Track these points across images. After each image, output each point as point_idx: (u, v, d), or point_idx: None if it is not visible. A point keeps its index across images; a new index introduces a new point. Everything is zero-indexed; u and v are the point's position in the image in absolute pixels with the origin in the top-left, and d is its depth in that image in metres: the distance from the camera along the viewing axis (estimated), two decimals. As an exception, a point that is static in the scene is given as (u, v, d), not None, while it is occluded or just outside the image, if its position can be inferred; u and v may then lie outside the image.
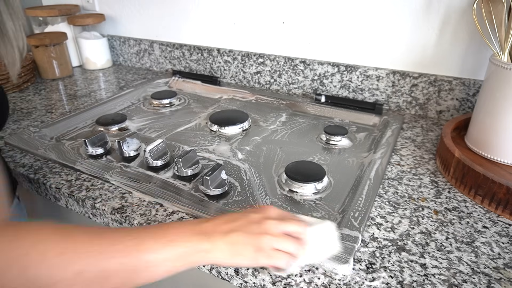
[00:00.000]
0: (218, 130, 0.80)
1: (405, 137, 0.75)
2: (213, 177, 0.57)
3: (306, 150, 0.73)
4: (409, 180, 0.61)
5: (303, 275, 0.43)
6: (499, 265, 0.45)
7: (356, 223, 0.50)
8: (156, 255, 0.36)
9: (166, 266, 0.37)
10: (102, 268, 0.34)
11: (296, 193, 0.59)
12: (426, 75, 0.82)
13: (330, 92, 0.94)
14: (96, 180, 0.62)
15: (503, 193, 0.52)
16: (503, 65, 0.57)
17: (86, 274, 0.33)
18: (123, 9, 1.19)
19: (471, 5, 0.73)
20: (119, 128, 0.82)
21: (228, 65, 1.06)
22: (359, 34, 0.87)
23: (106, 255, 0.34)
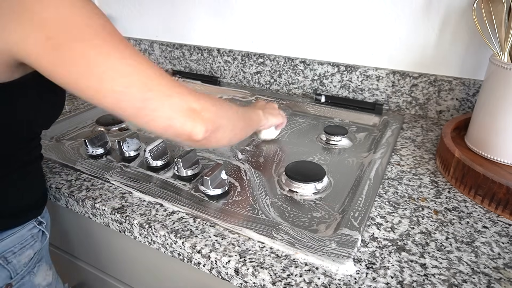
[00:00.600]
0: (218, 130, 0.80)
1: (405, 137, 0.75)
2: (213, 177, 0.57)
3: (306, 150, 0.73)
4: (409, 180, 0.61)
5: (303, 275, 0.43)
6: (499, 265, 0.45)
7: (356, 223, 0.50)
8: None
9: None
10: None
11: (296, 193, 0.59)
12: (426, 75, 0.82)
13: (330, 92, 0.94)
14: (96, 180, 0.62)
15: (503, 193, 0.52)
16: (503, 65, 0.57)
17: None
18: (123, 9, 1.19)
19: (471, 5, 0.73)
20: (119, 128, 0.82)
21: (228, 65, 1.06)
22: (359, 34, 0.87)
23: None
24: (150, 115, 0.40)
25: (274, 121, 0.70)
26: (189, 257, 0.49)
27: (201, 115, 0.43)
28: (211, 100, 0.46)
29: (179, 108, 0.42)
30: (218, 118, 0.46)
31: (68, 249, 0.77)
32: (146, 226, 0.52)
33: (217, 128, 0.45)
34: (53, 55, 0.37)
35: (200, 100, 0.43)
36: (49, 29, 0.36)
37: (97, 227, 0.65)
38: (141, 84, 0.40)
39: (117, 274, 0.71)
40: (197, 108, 0.43)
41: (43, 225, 0.57)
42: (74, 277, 0.82)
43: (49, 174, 0.64)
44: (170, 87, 0.41)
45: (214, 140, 0.46)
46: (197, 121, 0.42)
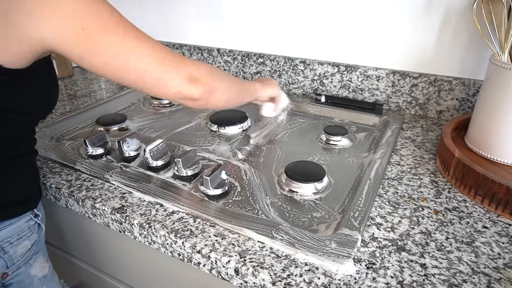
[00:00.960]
0: (218, 130, 0.80)
1: (405, 137, 0.75)
2: (213, 177, 0.57)
3: (306, 150, 0.73)
4: (409, 180, 0.61)
5: (303, 275, 0.43)
6: (499, 265, 0.45)
7: (356, 223, 0.50)
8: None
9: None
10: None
11: (296, 193, 0.59)
12: (426, 75, 0.82)
13: (330, 92, 0.94)
14: (96, 180, 0.62)
15: (503, 193, 0.52)
16: (503, 65, 0.57)
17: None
18: (123, 9, 1.19)
19: (471, 5, 0.73)
20: (119, 128, 0.82)
21: (228, 65, 1.06)
22: (359, 34, 0.87)
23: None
24: (165, 85, 0.51)
25: (270, 91, 0.77)
26: (189, 257, 0.49)
27: (200, 80, 0.53)
28: (209, 68, 0.57)
29: (185, 76, 0.52)
30: (213, 82, 0.56)
31: (68, 249, 0.77)
32: (146, 226, 0.52)
33: (213, 89, 0.56)
34: (86, 43, 0.45)
35: (200, 69, 0.54)
36: (81, 20, 0.43)
37: (97, 227, 0.65)
38: (157, 61, 0.49)
39: (117, 274, 0.71)
40: (197, 75, 0.53)
41: (39, 217, 0.58)
42: (74, 277, 0.82)
43: (49, 174, 0.64)
44: (178, 61, 0.52)
45: (212, 100, 0.57)
46: (198, 86, 0.53)
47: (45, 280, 0.61)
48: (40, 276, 0.60)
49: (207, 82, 0.54)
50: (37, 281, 0.59)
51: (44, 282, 0.60)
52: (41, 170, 0.65)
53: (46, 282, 0.61)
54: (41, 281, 0.60)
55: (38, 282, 0.59)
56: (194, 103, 0.55)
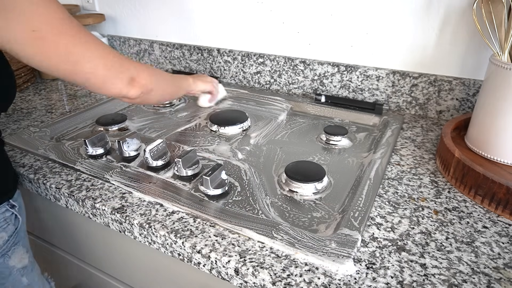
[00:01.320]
0: (218, 130, 0.80)
1: (405, 137, 0.75)
2: (213, 177, 0.57)
3: (306, 150, 0.73)
4: (409, 180, 0.61)
5: (303, 275, 0.43)
6: (499, 265, 0.45)
7: (356, 223, 0.50)
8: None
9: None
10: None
11: (296, 193, 0.59)
12: (426, 75, 0.82)
13: (330, 92, 0.94)
14: (96, 180, 0.62)
15: (503, 193, 0.52)
16: (503, 65, 0.57)
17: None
18: (123, 9, 1.19)
19: (471, 5, 0.73)
20: (119, 128, 0.82)
21: (228, 65, 1.06)
22: (359, 34, 0.87)
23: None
24: (109, 88, 0.56)
25: (202, 86, 0.83)
26: (189, 257, 0.49)
27: (139, 82, 0.59)
28: (148, 71, 0.62)
29: (126, 80, 0.57)
30: (151, 84, 0.62)
31: (68, 249, 0.77)
32: (146, 226, 0.52)
33: (149, 90, 0.62)
34: (36, 45, 0.46)
35: (140, 73, 0.59)
36: (32, 22, 0.45)
37: (97, 227, 0.65)
38: (103, 66, 0.53)
39: (117, 274, 0.71)
40: (137, 78, 0.59)
41: (15, 208, 0.59)
42: (74, 277, 0.82)
43: (49, 174, 0.64)
44: (121, 65, 0.56)
45: (147, 99, 0.63)
46: (137, 87, 0.59)
47: (25, 271, 0.62)
48: (20, 267, 0.60)
49: (145, 85, 0.60)
50: (17, 272, 0.60)
51: (24, 273, 0.61)
52: (41, 170, 0.65)
53: (26, 273, 0.62)
54: (21, 272, 0.61)
55: (17, 273, 0.60)
56: (131, 101, 0.61)
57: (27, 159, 0.68)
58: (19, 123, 0.83)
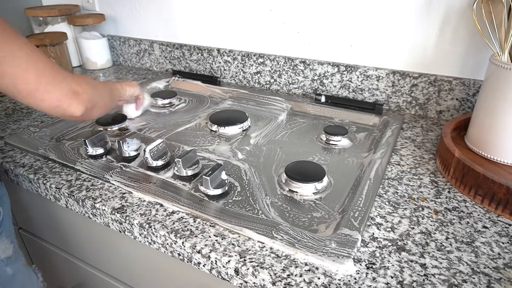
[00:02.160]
0: (218, 130, 0.80)
1: (405, 137, 0.75)
2: (213, 177, 0.57)
3: (306, 150, 0.73)
4: (409, 180, 0.61)
5: (303, 275, 0.43)
6: (499, 265, 0.45)
7: (356, 223, 0.50)
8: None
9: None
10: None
11: (296, 193, 0.59)
12: (426, 75, 0.82)
13: (330, 92, 0.94)
14: (96, 180, 0.62)
15: (503, 193, 0.52)
16: (503, 65, 0.57)
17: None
18: (123, 9, 1.19)
19: (471, 5, 0.73)
20: (119, 128, 0.82)
21: (228, 65, 1.06)
22: (359, 34, 0.87)
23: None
24: (42, 96, 0.49)
25: (131, 91, 0.78)
26: (189, 257, 0.49)
27: (82, 96, 0.53)
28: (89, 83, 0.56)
29: (65, 90, 0.51)
30: (93, 98, 0.56)
31: (68, 249, 0.77)
32: (146, 226, 0.52)
33: (92, 106, 0.57)
34: None
35: (82, 85, 0.54)
36: None
37: (97, 227, 0.65)
38: (36, 70, 0.48)
39: (117, 274, 0.71)
40: (79, 91, 0.53)
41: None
42: (74, 277, 0.82)
43: (49, 174, 0.64)
44: (59, 74, 0.51)
45: (89, 116, 0.58)
46: (79, 102, 0.53)
47: (9, 261, 0.62)
48: (3, 258, 0.61)
49: (88, 99, 0.54)
50: (0, 262, 0.60)
51: (8, 263, 0.61)
52: (41, 170, 0.65)
53: (10, 263, 0.62)
54: (5, 262, 0.61)
55: (1, 263, 0.60)
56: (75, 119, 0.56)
57: (27, 159, 0.68)
58: (19, 123, 0.83)
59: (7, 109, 0.90)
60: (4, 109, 0.90)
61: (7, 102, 0.95)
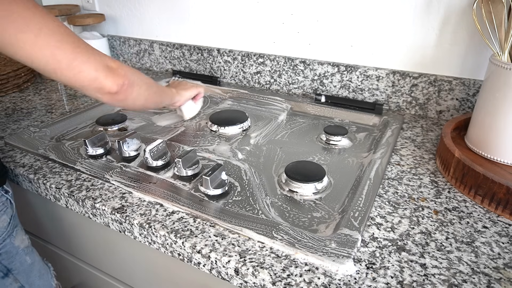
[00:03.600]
0: (218, 130, 0.80)
1: (405, 137, 0.75)
2: (213, 177, 0.57)
3: (306, 150, 0.73)
4: (409, 180, 0.61)
5: (303, 275, 0.43)
6: (499, 265, 0.45)
7: (356, 223, 0.50)
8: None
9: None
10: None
11: (296, 193, 0.59)
12: (426, 75, 0.82)
13: (330, 92, 0.94)
14: (96, 180, 0.62)
15: (503, 193, 0.52)
16: (503, 65, 0.57)
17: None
18: (123, 9, 1.19)
19: (471, 5, 0.73)
20: (119, 128, 0.82)
21: (228, 65, 1.06)
22: (359, 34, 0.87)
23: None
24: (79, 68, 0.48)
25: (188, 94, 0.76)
26: (189, 257, 0.49)
27: (117, 71, 0.52)
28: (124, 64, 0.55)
29: (101, 63, 0.50)
30: (131, 75, 0.54)
31: (68, 249, 0.77)
32: (146, 226, 0.52)
33: (131, 83, 0.54)
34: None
35: (115, 61, 0.53)
36: None
37: (97, 227, 0.65)
38: (71, 41, 0.48)
39: (117, 274, 0.71)
40: (114, 66, 0.51)
41: (9, 193, 0.62)
42: (74, 277, 0.82)
43: (49, 174, 0.64)
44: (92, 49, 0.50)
45: (131, 96, 0.55)
46: (115, 75, 0.51)
47: (28, 250, 0.65)
48: (23, 247, 0.64)
49: (125, 75, 0.52)
50: (21, 251, 0.63)
51: (27, 252, 0.65)
52: (41, 170, 0.65)
53: (29, 253, 0.65)
54: (25, 251, 0.64)
55: (22, 252, 0.63)
56: (112, 97, 0.53)
57: (27, 159, 0.68)
58: (19, 123, 0.83)
59: (7, 109, 0.90)
60: (4, 109, 0.90)
61: (7, 102, 0.95)
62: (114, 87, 0.51)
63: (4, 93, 1.00)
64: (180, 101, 0.75)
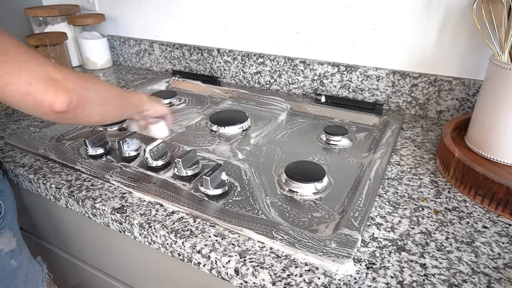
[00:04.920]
0: (218, 130, 0.80)
1: (405, 137, 0.75)
2: (213, 177, 0.57)
3: (306, 150, 0.73)
4: (409, 180, 0.61)
5: (303, 275, 0.43)
6: (499, 265, 0.45)
7: (356, 223, 0.50)
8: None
9: None
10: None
11: (296, 193, 0.59)
12: (426, 75, 0.82)
13: (330, 92, 0.94)
14: (96, 180, 0.62)
15: (503, 193, 0.52)
16: (503, 65, 0.57)
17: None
18: (123, 9, 1.19)
19: (471, 5, 0.73)
20: (119, 128, 0.82)
21: (228, 65, 1.06)
22: (359, 34, 0.87)
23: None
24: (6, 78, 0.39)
25: (160, 108, 0.68)
26: (189, 257, 0.49)
27: (63, 84, 0.42)
28: (75, 73, 0.45)
29: (38, 74, 0.40)
30: (84, 90, 0.45)
31: (68, 249, 0.77)
32: (146, 226, 0.52)
33: (83, 100, 0.45)
34: None
35: (62, 71, 0.43)
36: None
37: (97, 227, 0.65)
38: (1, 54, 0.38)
39: (117, 274, 0.71)
40: (59, 78, 0.42)
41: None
42: (74, 277, 0.82)
43: (49, 174, 0.64)
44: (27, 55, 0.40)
45: (82, 114, 0.46)
46: (59, 90, 0.41)
47: (13, 254, 0.62)
48: (8, 250, 0.61)
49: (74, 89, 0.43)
50: (5, 254, 0.61)
51: (12, 256, 0.62)
52: (41, 170, 0.65)
53: (15, 256, 0.62)
54: (9, 255, 0.61)
55: (5, 256, 0.61)
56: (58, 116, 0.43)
57: (27, 159, 0.68)
58: (19, 123, 0.83)
59: (7, 109, 0.90)
60: (4, 109, 0.90)
61: (7, 102, 0.95)
62: (58, 104, 0.41)
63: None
64: (150, 110, 0.66)
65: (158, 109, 0.68)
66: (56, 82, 0.41)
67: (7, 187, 0.63)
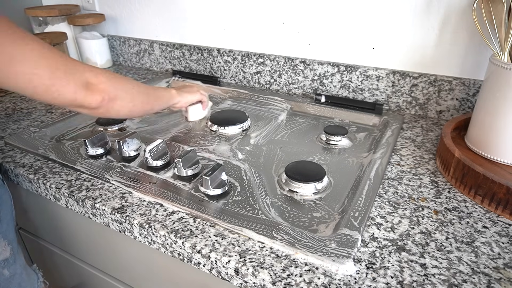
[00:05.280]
0: (218, 130, 0.80)
1: (405, 137, 0.75)
2: (213, 177, 0.57)
3: (306, 150, 0.73)
4: (409, 180, 0.61)
5: (303, 275, 0.43)
6: (499, 265, 0.45)
7: (356, 223, 0.50)
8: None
9: None
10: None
11: (296, 193, 0.59)
12: (426, 75, 0.82)
13: (330, 92, 0.94)
14: (96, 180, 0.62)
15: (503, 193, 0.52)
16: (503, 65, 0.57)
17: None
18: (123, 9, 1.19)
19: (471, 5, 0.73)
20: (119, 128, 0.82)
21: (228, 65, 1.06)
22: (359, 34, 0.87)
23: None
24: (57, 92, 0.48)
25: (190, 98, 0.75)
26: (189, 257, 0.49)
27: (98, 86, 0.52)
28: (109, 75, 0.55)
29: (80, 83, 0.50)
30: (114, 89, 0.54)
31: (68, 249, 0.77)
32: (146, 226, 0.52)
33: (113, 97, 0.54)
34: None
35: (98, 76, 0.52)
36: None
37: (97, 227, 0.65)
38: (47, 66, 0.47)
39: (117, 274, 0.71)
40: (94, 82, 0.52)
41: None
42: (74, 277, 0.82)
43: (49, 174, 0.64)
44: (72, 67, 0.50)
45: (113, 110, 0.56)
46: (95, 92, 0.52)
47: (6, 263, 0.61)
48: (0, 260, 0.60)
49: (105, 90, 0.53)
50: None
51: (5, 265, 0.61)
52: (41, 170, 0.65)
53: (8, 265, 0.61)
54: (1, 264, 0.60)
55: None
56: (92, 111, 0.54)
57: (27, 159, 0.68)
58: (19, 123, 0.83)
59: (7, 109, 0.90)
60: (4, 109, 0.90)
61: (7, 102, 0.95)
62: (93, 103, 0.52)
63: (4, 93, 1.00)
64: (181, 102, 0.73)
65: (189, 99, 0.75)
66: (92, 86, 0.51)
67: (6, 193, 0.62)
